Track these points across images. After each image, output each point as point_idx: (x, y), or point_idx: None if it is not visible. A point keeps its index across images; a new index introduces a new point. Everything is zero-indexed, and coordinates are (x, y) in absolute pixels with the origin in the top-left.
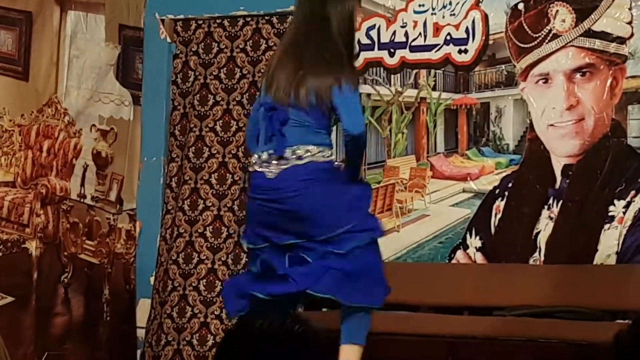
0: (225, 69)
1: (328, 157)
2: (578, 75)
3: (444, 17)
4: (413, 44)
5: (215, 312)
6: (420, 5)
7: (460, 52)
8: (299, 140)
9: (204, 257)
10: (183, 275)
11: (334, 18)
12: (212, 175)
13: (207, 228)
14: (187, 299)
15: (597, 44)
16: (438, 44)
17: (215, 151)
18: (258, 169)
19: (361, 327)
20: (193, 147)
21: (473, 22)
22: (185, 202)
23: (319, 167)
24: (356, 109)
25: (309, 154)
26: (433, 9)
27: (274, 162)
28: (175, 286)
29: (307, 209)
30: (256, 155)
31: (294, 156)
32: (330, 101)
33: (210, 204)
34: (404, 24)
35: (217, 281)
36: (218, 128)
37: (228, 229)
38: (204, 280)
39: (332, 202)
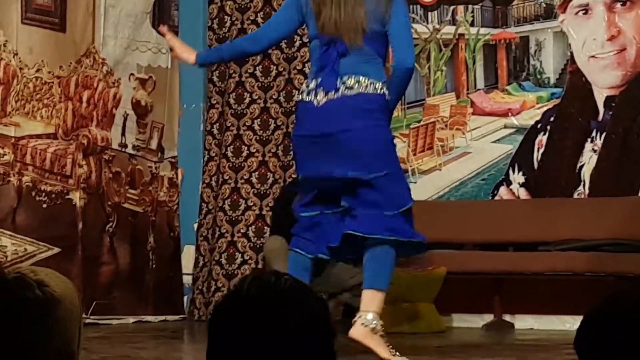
0: (261, 13)
1: (380, 89)
2: (618, 5)
3: None
4: None
5: None
6: None
7: None
8: (351, 70)
9: (252, 204)
10: (230, 222)
11: None
12: (255, 121)
13: (253, 174)
14: (236, 245)
15: None
16: None
17: (257, 97)
18: (305, 99)
19: (385, 272)
20: (234, 94)
21: None
22: (229, 148)
23: (370, 98)
24: (410, 38)
25: (357, 84)
26: None
27: (322, 91)
28: (223, 233)
29: (359, 147)
30: (305, 84)
31: (343, 86)
32: (388, 21)
33: (255, 150)
34: None
35: (265, 227)
36: (258, 73)
37: (274, 175)
38: (253, 226)
39: (382, 142)
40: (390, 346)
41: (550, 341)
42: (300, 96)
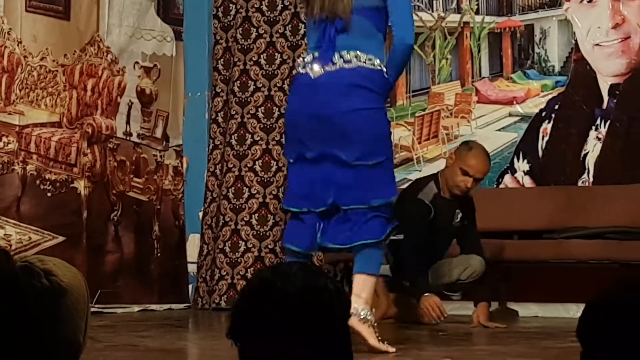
0: (266, 0)
1: (378, 65)
2: None
3: None
4: None
5: (269, 246)
6: None
7: None
8: (349, 45)
9: (255, 192)
10: (234, 210)
11: None
12: (259, 109)
13: (257, 162)
14: (240, 233)
15: None
16: None
17: (261, 85)
18: (301, 71)
19: (374, 259)
20: (238, 82)
21: None
22: (233, 136)
23: (368, 73)
24: (410, 14)
25: (356, 59)
26: None
27: (318, 64)
28: (227, 221)
29: (351, 127)
30: (301, 58)
31: (342, 59)
32: None
33: (259, 138)
34: None
35: (269, 215)
36: (262, 61)
37: (277, 163)
38: (256, 214)
39: (376, 127)
40: (379, 337)
41: (555, 329)
42: (296, 70)
